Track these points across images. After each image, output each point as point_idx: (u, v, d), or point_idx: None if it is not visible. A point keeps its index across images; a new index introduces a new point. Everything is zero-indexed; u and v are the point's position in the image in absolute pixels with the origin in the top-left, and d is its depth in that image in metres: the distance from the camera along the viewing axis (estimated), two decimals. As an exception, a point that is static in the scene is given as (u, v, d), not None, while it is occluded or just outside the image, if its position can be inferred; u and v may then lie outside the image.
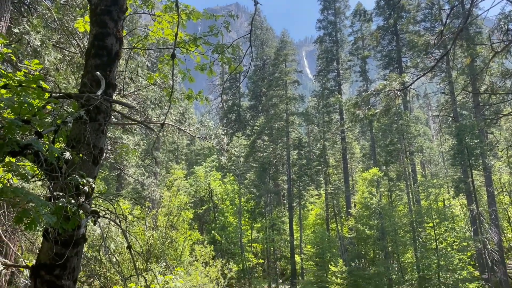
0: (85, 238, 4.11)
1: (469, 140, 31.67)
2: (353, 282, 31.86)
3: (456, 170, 37.77)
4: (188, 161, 54.65)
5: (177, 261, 13.25)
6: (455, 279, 28.36)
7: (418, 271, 30.11)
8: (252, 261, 36.63)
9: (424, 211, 31.98)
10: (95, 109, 4.45)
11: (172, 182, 25.60)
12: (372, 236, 32.51)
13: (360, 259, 35.22)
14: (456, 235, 30.24)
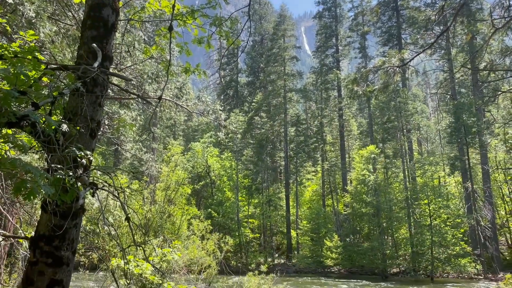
0: (83, 209, 4.15)
1: (467, 118, 31.74)
2: (347, 256, 32.51)
3: (453, 148, 37.98)
4: (186, 137, 54.63)
5: (175, 235, 13.43)
6: (447, 254, 28.98)
7: (412, 246, 30.70)
8: (248, 236, 37.16)
9: (420, 188, 32.33)
10: (92, 81, 4.41)
11: (169, 157, 25.62)
12: (368, 212, 32.95)
13: (355, 234, 35.80)
14: (450, 212, 30.69)
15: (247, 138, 44.59)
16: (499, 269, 27.98)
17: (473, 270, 28.60)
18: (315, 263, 33.25)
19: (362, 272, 31.65)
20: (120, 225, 11.61)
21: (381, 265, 30.43)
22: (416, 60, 42.48)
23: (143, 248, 4.78)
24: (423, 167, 33.15)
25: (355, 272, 31.80)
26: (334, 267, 33.34)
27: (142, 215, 13.60)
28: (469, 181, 31.72)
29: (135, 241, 3.96)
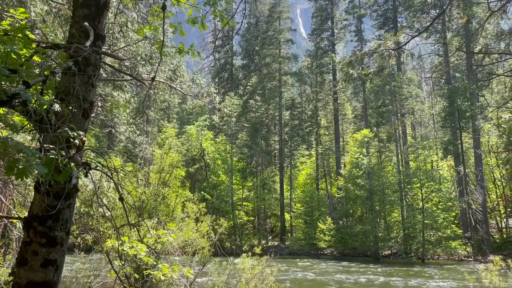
0: (77, 189, 4.14)
1: (461, 103, 31.85)
2: (340, 239, 32.93)
3: (446, 132, 38.20)
4: (180, 120, 54.39)
5: (169, 217, 13.50)
6: (438, 237, 29.44)
7: (404, 229, 31.13)
8: (243, 219, 37.45)
9: (412, 172, 32.61)
10: (84, 61, 4.35)
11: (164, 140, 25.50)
12: (361, 195, 33.25)
13: (348, 217, 36.20)
14: (442, 196, 31.06)
15: (242, 121, 44.50)
16: (489, 251, 28.50)
17: (463, 252, 29.13)
18: (308, 245, 33.66)
19: (355, 254, 32.13)
20: (115, 207, 11.64)
21: (373, 247, 30.88)
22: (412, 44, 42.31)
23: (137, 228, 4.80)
24: (416, 151, 33.37)
25: (348, 254, 32.27)
26: (327, 249, 33.79)
27: (136, 197, 13.66)
28: (461, 165, 32.03)
29: (129, 221, 3.97)
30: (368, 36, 45.36)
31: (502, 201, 36.48)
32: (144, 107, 25.75)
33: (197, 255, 12.62)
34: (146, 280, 10.98)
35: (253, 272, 10.65)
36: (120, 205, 9.78)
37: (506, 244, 30.10)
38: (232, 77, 56.15)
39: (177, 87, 15.49)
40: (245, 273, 10.60)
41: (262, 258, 10.94)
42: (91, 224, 12.35)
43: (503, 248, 28.92)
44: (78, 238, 13.68)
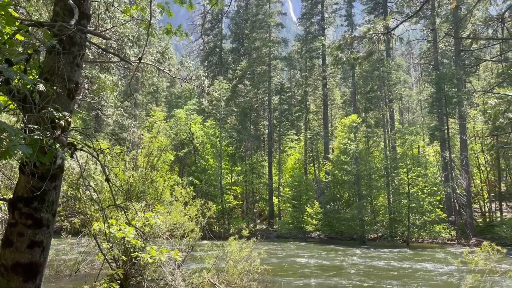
0: (62, 169, 4.10)
1: (448, 89, 32.12)
2: (327, 223, 33.37)
3: (433, 118, 38.60)
4: (169, 103, 53.93)
5: (157, 200, 13.50)
6: (423, 221, 30.03)
7: (390, 213, 31.65)
8: (231, 203, 37.63)
9: (399, 157, 33.00)
10: (69, 40, 4.26)
11: (152, 123, 25.30)
12: (348, 180, 33.60)
13: (335, 201, 36.62)
14: (427, 180, 31.56)
15: (231, 106, 44.32)
16: (472, 235, 29.17)
17: (447, 236, 29.78)
18: (296, 229, 34.05)
19: (341, 237, 32.62)
20: (102, 190, 11.60)
21: (360, 231, 31.38)
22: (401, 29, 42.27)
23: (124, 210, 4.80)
24: (403, 136, 33.70)
25: (335, 238, 32.75)
26: (314, 233, 34.23)
27: (124, 180, 13.58)
28: (447, 151, 32.51)
29: (116, 202, 3.96)
30: (358, 21, 45.22)
31: (486, 186, 37.23)
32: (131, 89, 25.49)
33: (185, 238, 12.68)
34: (134, 263, 11.02)
35: (241, 254, 10.76)
36: (107, 187, 9.73)
37: (488, 228, 30.83)
38: (222, 61, 55.65)
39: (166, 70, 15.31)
40: (233, 255, 10.70)
41: (250, 241, 11.05)
42: (78, 207, 12.29)
43: (486, 232, 29.62)
44: (65, 221, 13.63)
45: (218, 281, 10.18)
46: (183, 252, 12.35)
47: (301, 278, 14.08)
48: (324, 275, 14.74)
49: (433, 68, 36.63)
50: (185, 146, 40.79)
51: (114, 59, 14.08)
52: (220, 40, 56.82)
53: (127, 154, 16.73)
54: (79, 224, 12.57)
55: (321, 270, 16.11)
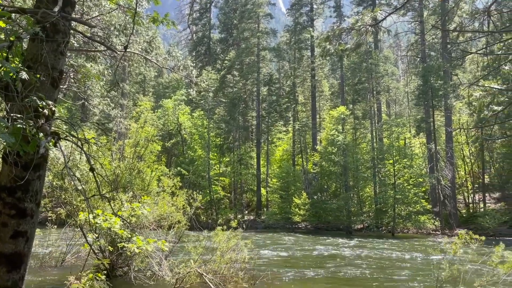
0: (46, 159, 4.06)
1: (434, 81, 32.45)
2: (314, 213, 33.67)
3: (419, 110, 39.01)
4: (156, 93, 53.45)
5: (144, 191, 13.43)
6: (408, 211, 30.50)
7: (376, 204, 32.05)
8: (219, 193, 37.66)
9: (386, 148, 33.34)
10: (53, 27, 4.19)
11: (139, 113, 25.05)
12: (335, 171, 33.87)
13: (323, 192, 36.93)
14: (413, 172, 32.00)
15: (219, 96, 44.12)
16: (456, 225, 29.73)
17: (432, 226, 30.31)
18: (283, 219, 34.29)
19: (328, 228, 32.96)
20: (88, 180, 11.50)
21: (346, 221, 31.74)
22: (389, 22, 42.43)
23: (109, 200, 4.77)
24: (390, 128, 34.03)
25: (321, 228, 33.08)
26: (301, 223, 34.52)
27: (110, 171, 13.47)
28: (432, 142, 32.94)
29: (101, 192, 3.93)
30: (347, 12, 45.24)
31: (470, 177, 37.89)
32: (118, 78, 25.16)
33: (173, 229, 12.68)
34: (121, 253, 11.00)
35: (228, 245, 10.80)
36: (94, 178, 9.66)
37: (472, 219, 31.44)
38: (210, 51, 55.24)
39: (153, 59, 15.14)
40: (220, 245, 10.74)
41: (237, 231, 11.09)
42: (64, 197, 12.18)
43: (469, 222, 30.19)
44: (50, 212, 13.50)
45: (205, 271, 10.22)
46: (170, 242, 12.35)
47: (287, 268, 14.22)
48: (310, 265, 14.91)
49: (420, 61, 36.93)
50: (173, 136, 40.57)
51: (100, 48, 13.87)
52: (209, 30, 56.34)
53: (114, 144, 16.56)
54: (65, 214, 12.46)
55: (307, 260, 16.29)
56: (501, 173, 34.83)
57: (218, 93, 43.33)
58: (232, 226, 11.30)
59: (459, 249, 10.03)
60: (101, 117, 35.80)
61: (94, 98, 18.62)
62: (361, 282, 12.00)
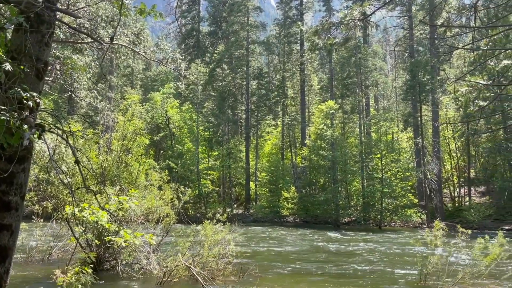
0: (30, 152, 4.00)
1: (422, 76, 32.74)
2: (303, 207, 33.88)
3: (407, 104, 39.37)
4: (144, 86, 52.97)
5: (132, 184, 13.35)
6: (395, 205, 30.88)
7: (363, 197, 32.35)
8: (208, 187, 37.62)
9: (374, 143, 33.62)
10: (37, 18, 4.12)
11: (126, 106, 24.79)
12: (324, 165, 34.07)
13: (311, 186, 37.14)
14: (400, 166, 32.36)
15: (208, 90, 43.92)
16: (442, 219, 30.07)
17: (418, 220, 30.74)
18: (272, 213, 34.44)
19: (316, 221, 33.20)
20: (75, 173, 11.38)
21: (334, 215, 32.00)
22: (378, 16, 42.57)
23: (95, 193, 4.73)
24: (378, 123, 34.31)
25: (310, 222, 33.31)
26: (290, 217, 34.71)
27: (98, 164, 13.34)
28: (420, 137, 33.31)
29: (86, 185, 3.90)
30: (336, 7, 45.17)
31: (456, 171, 38.45)
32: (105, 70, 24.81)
33: (161, 222, 12.65)
34: (109, 247, 10.95)
35: (216, 238, 10.82)
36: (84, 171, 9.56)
37: (457, 212, 31.96)
38: (199, 44, 54.83)
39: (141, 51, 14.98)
40: (208, 239, 10.75)
41: (226, 225, 11.11)
42: (50, 191, 12.05)
43: (455, 216, 30.68)
44: (37, 205, 13.36)
45: (193, 264, 10.23)
46: (158, 236, 12.33)
47: (275, 261, 14.32)
48: (298, 259, 15.03)
49: (408, 56, 37.21)
50: (161, 130, 40.32)
51: (87, 39, 13.66)
52: (198, 22, 55.88)
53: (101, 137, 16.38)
54: (51, 208, 12.34)
55: (295, 253, 16.41)
56: (486, 168, 35.40)
57: (207, 87, 43.13)
58: (221, 220, 11.31)
59: (438, 240, 10.20)
60: (88, 110, 35.39)
61: (81, 90, 18.37)
62: (347, 275, 12.14)
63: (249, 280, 10.48)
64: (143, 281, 10.62)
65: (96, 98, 22.10)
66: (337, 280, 11.33)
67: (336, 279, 11.40)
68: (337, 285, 10.71)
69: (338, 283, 10.88)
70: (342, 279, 11.48)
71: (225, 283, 10.16)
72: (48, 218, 13.52)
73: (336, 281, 11.13)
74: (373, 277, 11.83)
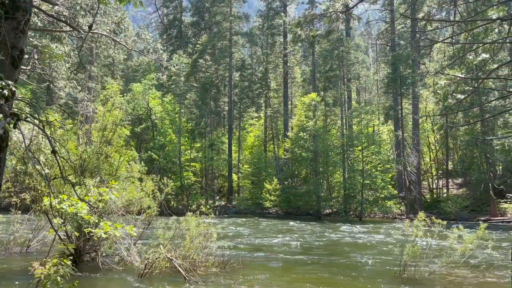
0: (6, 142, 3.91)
1: (403, 70, 33.16)
2: (285, 199, 34.11)
3: (388, 98, 39.86)
4: (125, 77, 52.19)
5: (112, 176, 13.20)
6: (376, 197, 31.38)
7: (345, 189, 32.75)
8: (190, 179, 37.48)
9: (355, 135, 33.99)
10: (12, 4, 4.01)
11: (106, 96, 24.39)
12: (306, 157, 34.32)
13: (294, 178, 37.39)
14: (381, 158, 32.85)
15: (191, 81, 43.54)
16: (420, 210, 30.65)
17: (398, 211, 31.32)
18: (254, 205, 34.57)
19: (298, 213, 33.49)
20: (54, 164, 11.17)
21: (316, 206, 32.33)
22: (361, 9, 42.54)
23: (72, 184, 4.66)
24: (360, 115, 34.68)
25: (292, 213, 33.58)
26: (272, 209, 34.91)
27: (77, 155, 13.12)
28: (400, 130, 33.82)
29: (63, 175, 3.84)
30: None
31: (435, 163, 39.24)
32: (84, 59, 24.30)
33: (142, 214, 12.56)
34: (89, 239, 10.83)
35: (198, 230, 10.80)
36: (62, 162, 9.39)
37: (435, 203, 32.68)
38: (181, 34, 54.20)
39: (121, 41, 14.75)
40: (190, 230, 10.73)
41: (208, 217, 11.10)
42: (28, 182, 11.82)
43: (433, 207, 31.37)
44: (14, 197, 13.09)
45: (174, 256, 10.21)
46: (139, 228, 12.25)
47: (257, 252, 14.41)
48: (279, 250, 15.16)
49: (389, 49, 37.58)
50: (142, 121, 39.91)
51: (66, 28, 13.36)
52: (180, 13, 55.19)
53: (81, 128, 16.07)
54: (29, 200, 12.11)
55: (276, 245, 16.54)
56: (463, 160, 36.22)
57: (189, 78, 42.75)
58: (203, 211, 11.29)
59: (420, 231, 10.44)
60: (68, 100, 34.71)
61: (59, 80, 17.99)
62: (328, 265, 12.31)
63: (231, 271, 10.54)
64: (124, 273, 10.55)
65: (75, 88, 21.73)
66: (318, 271, 11.48)
67: (317, 270, 11.55)
68: (318, 276, 10.86)
69: (319, 274, 11.04)
70: (323, 270, 11.64)
71: (207, 274, 10.19)
72: (27, 210, 13.28)
73: (317, 272, 11.28)
74: (354, 267, 12.03)
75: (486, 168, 29.93)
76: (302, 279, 10.31)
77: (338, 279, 10.41)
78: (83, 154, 12.98)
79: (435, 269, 10.40)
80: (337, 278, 10.51)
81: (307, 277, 10.68)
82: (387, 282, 9.98)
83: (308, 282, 9.92)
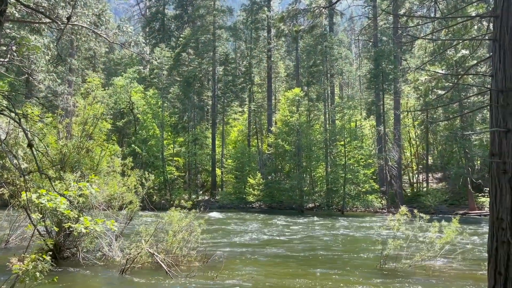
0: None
1: (385, 65, 33.56)
2: (268, 193, 34.27)
3: (370, 93, 40.31)
4: (107, 70, 51.34)
5: (93, 170, 13.00)
6: (358, 191, 31.82)
7: (327, 184, 33.07)
8: (173, 174, 37.24)
9: (338, 130, 34.33)
10: (-14, -7, 3.89)
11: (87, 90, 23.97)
12: (289, 151, 34.52)
13: (277, 173, 37.57)
14: (363, 153, 33.27)
15: (174, 75, 43.12)
16: (401, 204, 31.20)
17: (379, 205, 31.81)
18: (238, 199, 34.62)
19: (281, 207, 33.70)
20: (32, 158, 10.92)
21: (299, 201, 32.59)
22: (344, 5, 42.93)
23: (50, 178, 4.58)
24: (342, 110, 34.99)
25: (275, 208, 33.76)
26: (255, 203, 35.02)
27: (57, 150, 12.88)
28: (382, 125, 34.28)
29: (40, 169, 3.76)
30: (303, -7, 45.23)
31: (415, 158, 39.92)
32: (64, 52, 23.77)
33: (124, 209, 12.42)
34: (69, 234, 10.69)
35: (180, 224, 10.76)
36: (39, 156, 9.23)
37: (416, 197, 33.29)
38: (164, 27, 53.50)
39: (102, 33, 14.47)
40: (173, 225, 10.69)
41: (191, 212, 11.06)
42: (6, 177, 11.56)
43: (413, 201, 31.93)
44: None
45: (156, 251, 10.16)
46: (121, 223, 12.12)
47: (240, 247, 14.45)
48: (262, 244, 15.24)
49: (372, 45, 37.94)
50: (124, 115, 39.38)
51: (45, 20, 13.04)
52: (163, 5, 54.46)
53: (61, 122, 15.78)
54: (7, 195, 11.85)
55: (259, 239, 16.62)
56: (443, 155, 36.93)
57: (172, 72, 42.34)
58: (186, 206, 11.25)
59: (401, 225, 10.63)
60: (47, 94, 33.98)
61: (38, 73, 17.59)
62: (310, 259, 12.44)
63: (214, 265, 10.55)
64: (106, 268, 10.46)
65: (55, 81, 21.30)
66: (300, 264, 11.59)
67: (299, 263, 11.66)
68: (300, 269, 10.96)
69: (301, 267, 11.14)
70: (304, 263, 11.76)
71: (190, 269, 10.18)
72: (5, 205, 13.00)
73: (299, 265, 11.38)
74: (335, 260, 12.18)
75: (464, 162, 30.60)
76: (282, 273, 10.40)
77: (318, 272, 10.53)
78: (63, 148, 12.73)
79: (415, 262, 10.62)
80: (317, 271, 10.63)
81: (289, 270, 10.77)
82: (367, 275, 10.14)
83: (289, 275, 10.02)
